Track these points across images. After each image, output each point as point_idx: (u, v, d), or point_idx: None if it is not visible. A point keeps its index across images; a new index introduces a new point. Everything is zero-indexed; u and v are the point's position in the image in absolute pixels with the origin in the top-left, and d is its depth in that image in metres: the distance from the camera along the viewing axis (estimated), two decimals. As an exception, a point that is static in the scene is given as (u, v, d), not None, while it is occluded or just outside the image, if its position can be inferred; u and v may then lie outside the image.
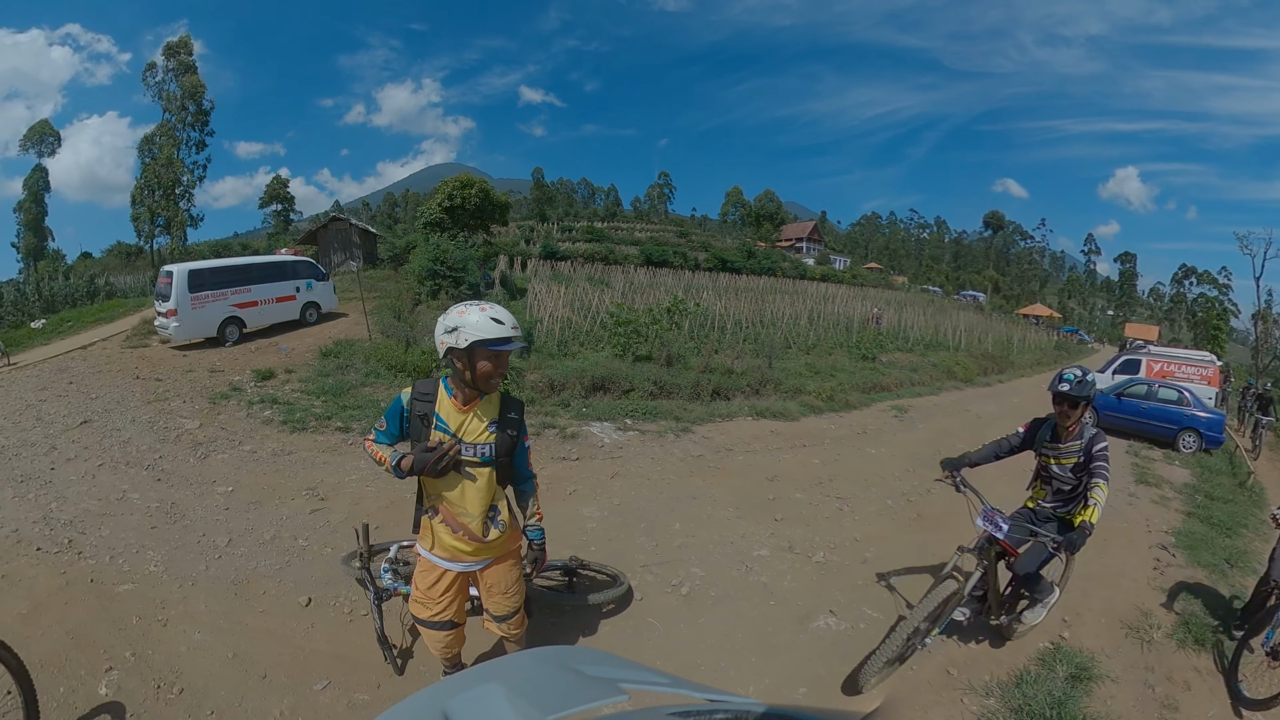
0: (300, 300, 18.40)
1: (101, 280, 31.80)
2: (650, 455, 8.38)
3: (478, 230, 35.57)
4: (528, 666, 0.87)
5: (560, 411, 10.26)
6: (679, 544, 5.93)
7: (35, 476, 7.69)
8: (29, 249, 44.09)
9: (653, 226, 75.55)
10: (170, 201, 42.78)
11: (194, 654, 4.40)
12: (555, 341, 16.37)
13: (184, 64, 44.14)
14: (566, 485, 7.22)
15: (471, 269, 22.75)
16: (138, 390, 11.84)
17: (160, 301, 16.18)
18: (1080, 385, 4.08)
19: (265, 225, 60.21)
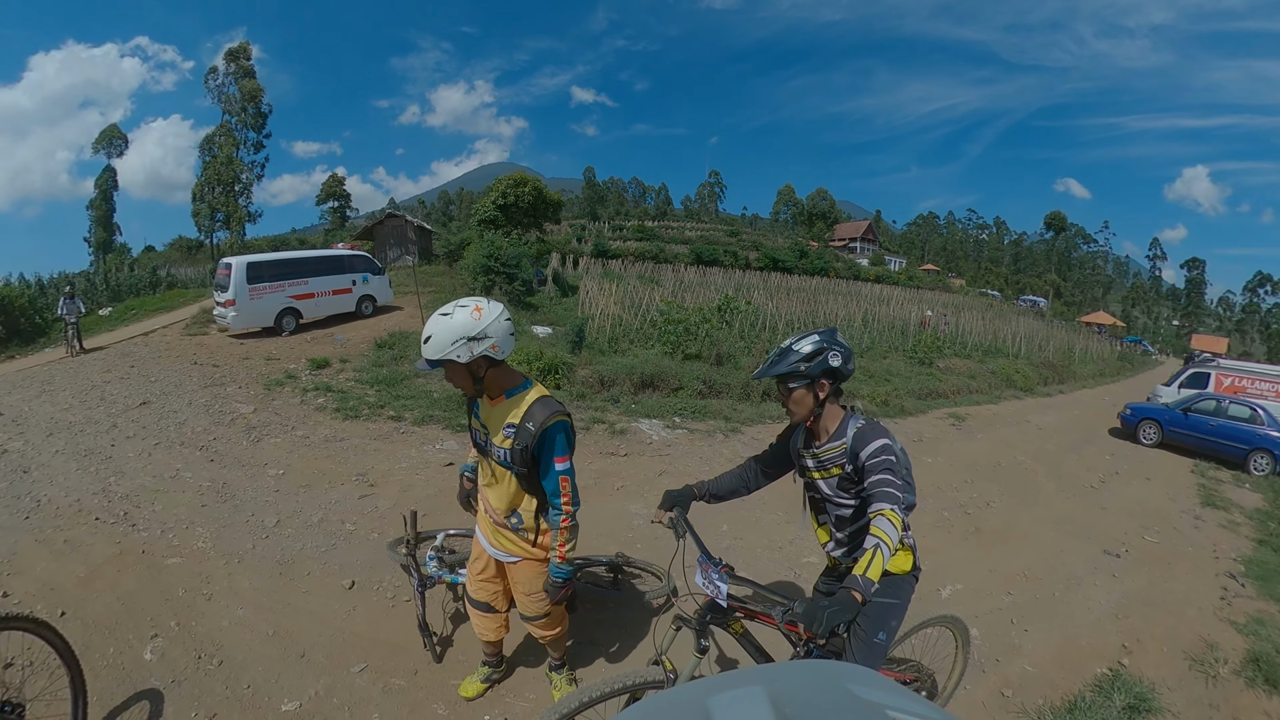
0: (356, 293, 19.19)
1: (164, 272, 33.96)
2: (698, 454, 8.38)
3: (531, 228, 36.46)
4: (797, 676, 0.86)
5: (609, 407, 10.35)
6: (726, 545, 5.91)
7: (97, 452, 8.24)
8: (99, 243, 47.84)
9: (703, 225, 75.57)
10: (230, 198, 45.47)
11: (235, 628, 4.61)
12: (606, 338, 16.59)
13: (243, 68, 47.15)
14: (614, 480, 7.27)
15: (524, 266, 23.14)
16: (195, 375, 12.46)
17: (219, 292, 17.08)
18: (778, 359, 2.71)
19: (322, 222, 62.90)
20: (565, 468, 3.00)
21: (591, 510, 6.09)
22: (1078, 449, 11.46)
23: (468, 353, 2.78)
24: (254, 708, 3.83)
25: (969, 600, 5.43)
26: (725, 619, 2.80)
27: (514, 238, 29.87)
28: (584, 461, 7.46)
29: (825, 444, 2.81)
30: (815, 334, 2.72)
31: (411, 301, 19.07)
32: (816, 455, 2.85)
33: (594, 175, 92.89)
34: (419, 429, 9.12)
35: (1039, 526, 7.28)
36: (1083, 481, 9.42)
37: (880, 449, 2.58)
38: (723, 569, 2.73)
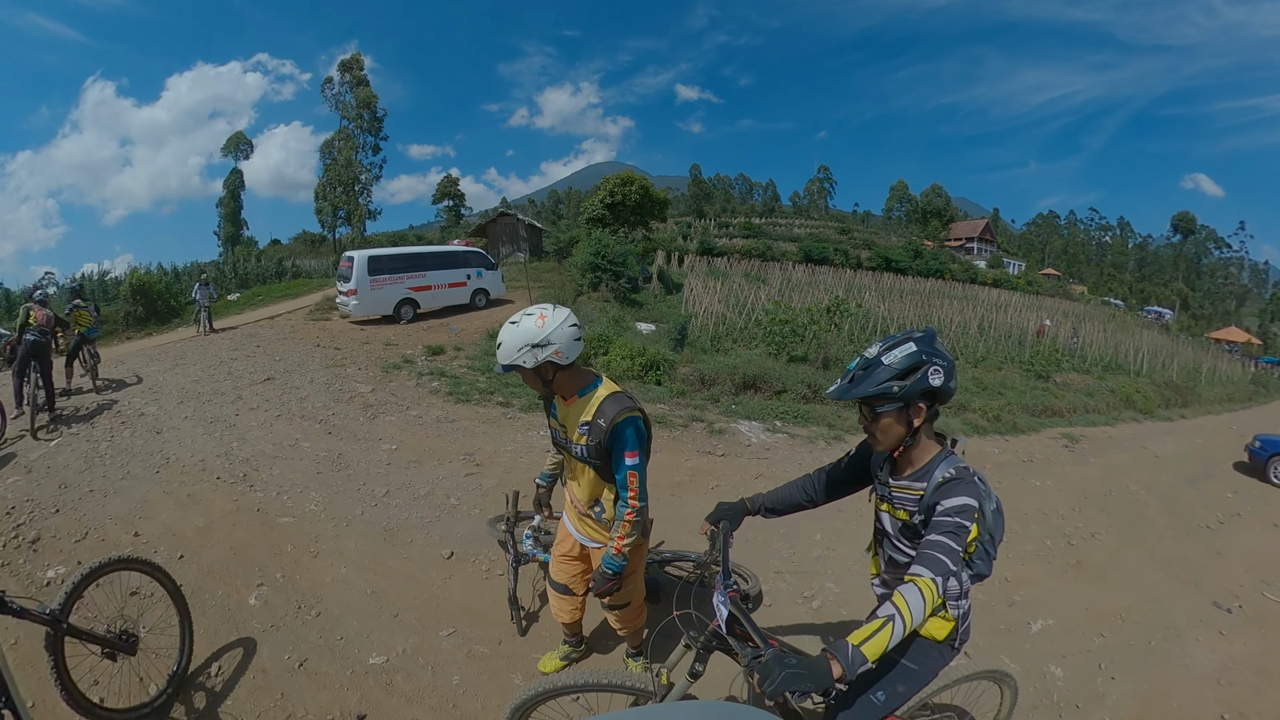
0: (470, 287, 19.86)
1: (289, 263, 36.65)
2: (797, 460, 8.09)
3: (637, 226, 36.50)
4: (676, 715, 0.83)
5: (709, 406, 10.19)
6: (817, 555, 5.62)
7: (222, 420, 8.91)
8: (228, 236, 52.74)
9: (812, 222, 72.45)
10: (350, 197, 48.82)
11: (336, 585, 4.87)
12: (708, 337, 16.38)
13: (356, 78, 50.67)
14: (709, 480, 7.13)
15: (630, 263, 23.30)
16: (317, 356, 13.24)
17: (342, 282, 18.20)
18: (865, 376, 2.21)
19: (438, 220, 65.76)
20: (634, 463, 3.02)
21: (684, 507, 5.96)
22: (1196, 483, 10.13)
23: (533, 359, 2.89)
24: (344, 657, 4.06)
25: (1058, 637, 4.87)
26: (729, 648, 2.46)
27: (620, 235, 30.14)
28: (680, 458, 7.40)
29: (905, 479, 2.35)
30: (910, 341, 2.20)
31: (523, 296, 19.67)
32: (891, 490, 2.41)
33: (700, 172, 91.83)
34: (525, 415, 9.27)
35: (1144, 566, 6.46)
36: (1199, 520, 8.32)
37: (959, 509, 2.12)
38: (730, 593, 2.43)
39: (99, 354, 11.71)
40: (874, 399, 2.18)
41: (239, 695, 3.74)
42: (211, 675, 3.90)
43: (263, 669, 3.95)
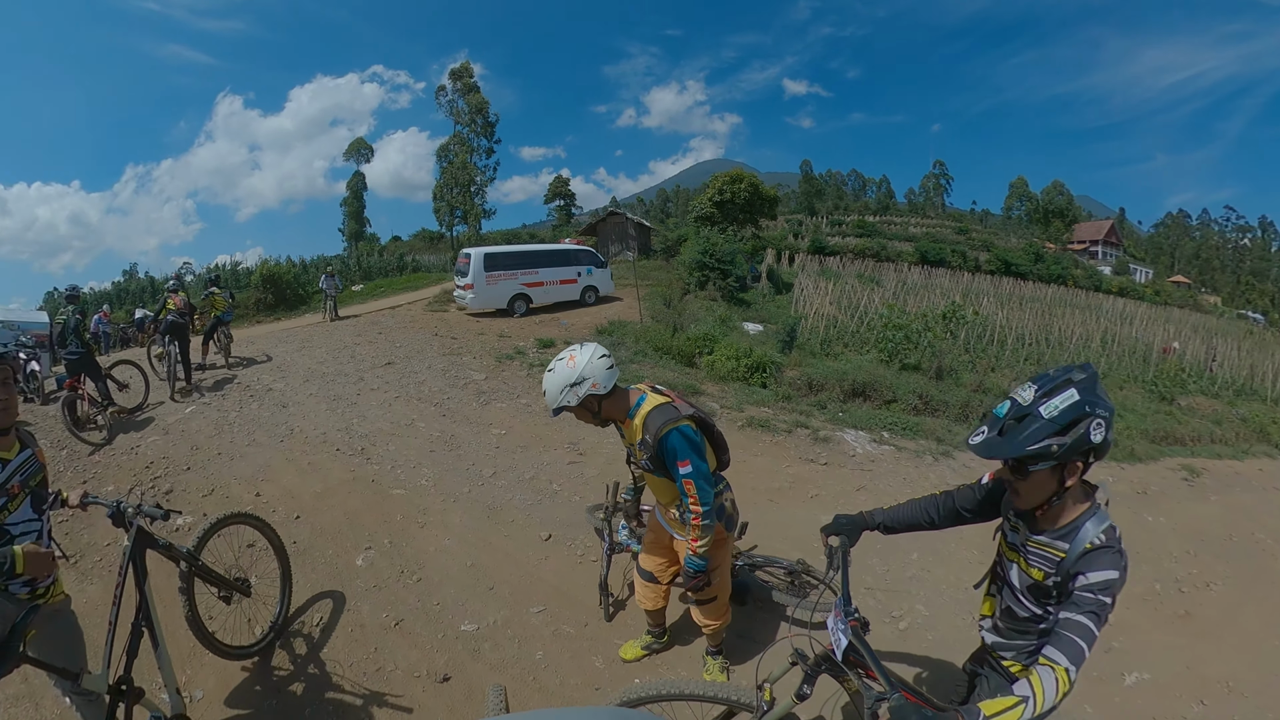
0: (581, 284, 20.45)
1: (409, 258, 39.03)
2: (902, 475, 7.69)
3: (746, 224, 36.16)
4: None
5: (815, 413, 9.86)
6: (911, 575, 5.29)
7: (344, 398, 9.47)
8: (351, 233, 56.69)
9: (928, 221, 67.69)
10: (466, 197, 51.11)
11: (439, 555, 5.15)
12: (818, 340, 15.85)
13: (467, 85, 52.83)
14: (809, 488, 6.90)
15: (739, 262, 23.01)
16: (435, 344, 13.79)
17: (459, 277, 19.13)
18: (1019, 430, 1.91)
19: (549, 219, 67.42)
20: (686, 471, 3.12)
21: (781, 514, 5.84)
22: (1339, 538, 8.79)
23: (575, 396, 3.12)
24: (437, 621, 4.33)
25: (1152, 696, 4.27)
26: (839, 673, 2.37)
27: (729, 234, 29.83)
28: (781, 464, 7.23)
29: (1046, 536, 2.08)
30: (1071, 387, 1.89)
31: (631, 294, 19.74)
32: (1027, 543, 2.16)
33: (811, 168, 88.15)
34: None
35: (1265, 627, 5.51)
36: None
37: (1104, 585, 1.91)
38: (852, 622, 2.30)
39: (232, 335, 12.83)
40: (1028, 459, 1.90)
41: (336, 645, 4.10)
42: (313, 625, 4.26)
43: (361, 624, 4.28)
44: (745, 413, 8.86)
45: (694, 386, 9.86)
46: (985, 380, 12.91)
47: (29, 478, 2.70)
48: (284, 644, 4.07)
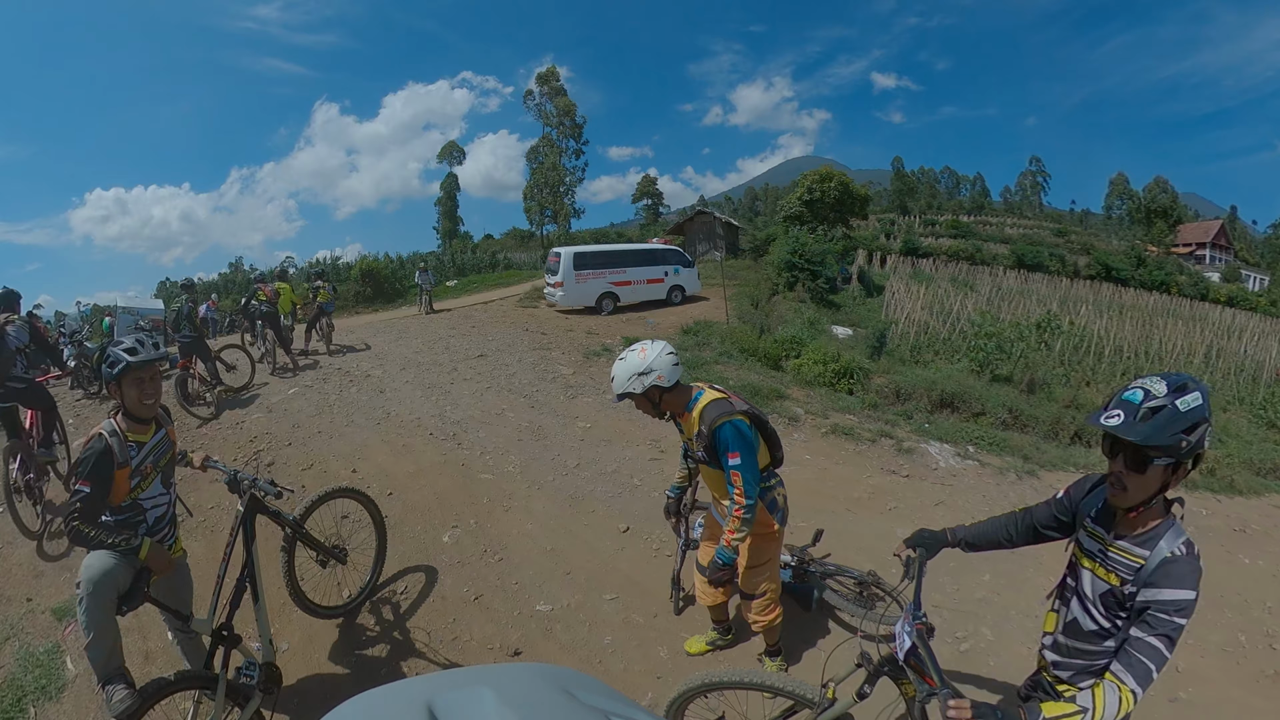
0: (668, 283, 20.35)
1: (501, 256, 39.88)
2: (983, 492, 7.33)
3: (836, 224, 35.01)
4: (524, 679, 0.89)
5: (901, 422, 9.55)
6: (980, 597, 5.04)
7: (438, 386, 9.89)
8: (445, 231, 58.63)
9: (1025, 222, 63.07)
10: (556, 197, 52.72)
11: (521, 538, 5.37)
12: (908, 346, 15.36)
13: (554, 89, 54.68)
14: (887, 500, 6.71)
15: (829, 263, 22.57)
16: (525, 339, 14.14)
17: (550, 275, 19.58)
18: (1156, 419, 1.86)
19: (637, 218, 67.39)
20: (735, 463, 3.22)
21: (857, 524, 5.75)
22: None
23: (640, 385, 3.29)
24: (515, 599, 4.58)
25: None
26: (899, 676, 2.43)
27: (819, 234, 29.28)
28: (862, 474, 7.10)
29: (1127, 541, 2.05)
30: (1196, 391, 1.89)
31: (718, 294, 19.68)
32: (1106, 548, 2.11)
33: (902, 165, 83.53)
34: None
35: None
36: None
37: (1181, 605, 1.88)
38: (918, 625, 2.34)
39: (334, 324, 13.63)
40: (1154, 449, 1.87)
41: (418, 613, 4.43)
42: (398, 593, 4.60)
43: (442, 596, 4.59)
44: (830, 420, 8.70)
45: (779, 390, 9.74)
46: (1079, 395, 12.17)
47: (160, 457, 3.13)
48: (370, 608, 4.41)
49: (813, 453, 7.44)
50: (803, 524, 5.27)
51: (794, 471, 6.67)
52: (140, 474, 3.00)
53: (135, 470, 2.97)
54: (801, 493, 6.14)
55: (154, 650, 3.95)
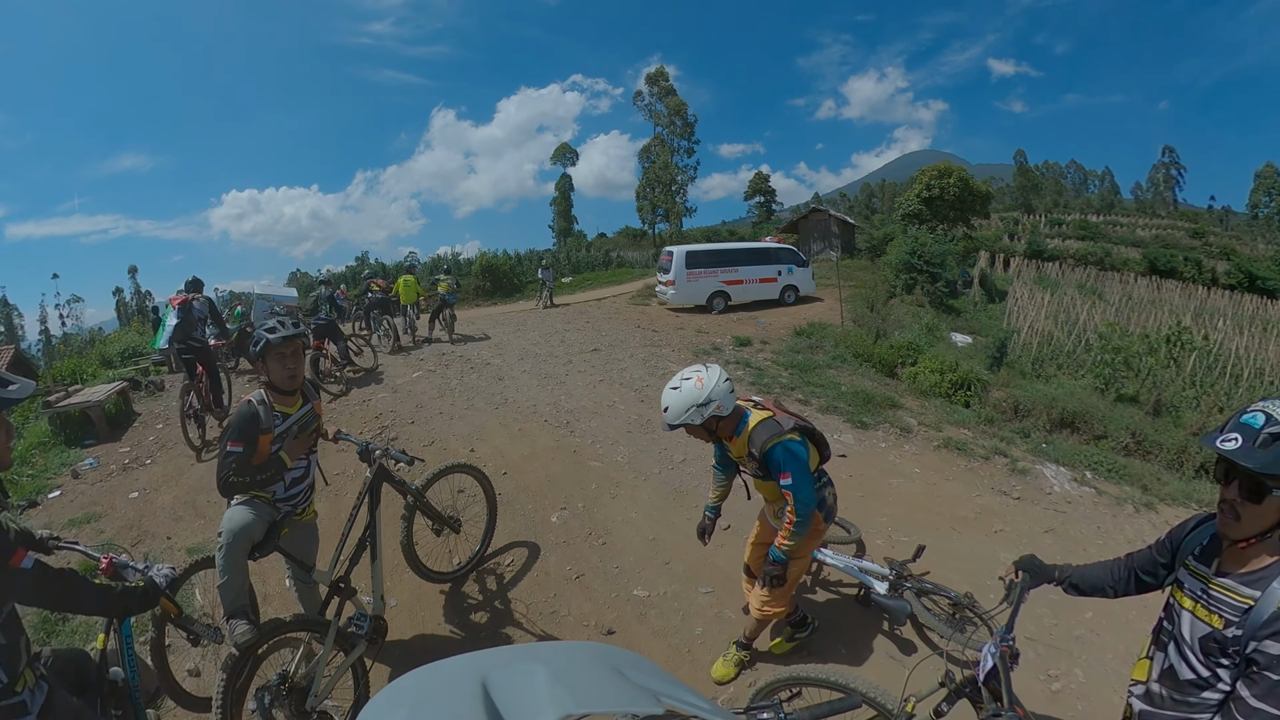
0: (780, 283, 19.85)
1: (614, 254, 40.74)
2: (1097, 523, 6.74)
3: (957, 223, 33.64)
4: (577, 657, 0.92)
5: (1017, 441, 8.96)
6: (1078, 635, 4.67)
7: (554, 377, 10.26)
8: (560, 230, 59.91)
9: (1158, 222, 55.00)
10: (667, 196, 52.91)
11: (625, 525, 5.54)
12: (1030, 358, 14.36)
13: (663, 88, 54.98)
14: (994, 522, 6.33)
15: (949, 265, 21.54)
16: (637, 336, 14.41)
17: (662, 273, 19.70)
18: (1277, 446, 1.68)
19: (750, 215, 66.05)
20: (788, 483, 3.26)
21: (959, 544, 5.51)
22: None
23: (699, 416, 3.28)
24: (614, 582, 4.79)
25: None
26: (977, 698, 2.38)
27: (939, 233, 27.85)
28: (971, 492, 6.79)
29: (1230, 579, 1.86)
30: None
31: (832, 295, 19.22)
32: (1208, 585, 1.93)
33: (1025, 159, 76.91)
34: (823, 416, 9.03)
35: None
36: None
37: None
38: (1004, 647, 2.32)
39: (456, 315, 14.48)
40: (1273, 479, 1.71)
41: (521, 586, 4.74)
42: (504, 565, 4.93)
43: (546, 572, 4.85)
44: (943, 432, 8.35)
45: (892, 399, 9.46)
46: (1208, 422, 11.02)
47: (304, 429, 3.42)
48: (477, 577, 4.74)
49: (923, 466, 7.18)
50: (905, 539, 5.22)
51: (901, 485, 6.54)
52: (282, 441, 3.29)
53: (277, 437, 3.26)
54: (907, 507, 6.05)
55: (271, 594, 4.47)
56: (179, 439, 7.88)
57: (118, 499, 6.61)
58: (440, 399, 8.93)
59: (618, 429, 7.83)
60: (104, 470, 7.43)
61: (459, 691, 0.76)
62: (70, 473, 7.29)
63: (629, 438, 7.55)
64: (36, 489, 6.92)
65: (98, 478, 7.24)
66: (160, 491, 6.71)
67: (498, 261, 28.57)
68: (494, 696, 0.73)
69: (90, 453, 7.93)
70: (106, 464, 7.61)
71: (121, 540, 5.65)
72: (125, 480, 7.13)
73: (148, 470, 7.39)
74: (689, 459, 6.96)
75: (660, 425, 7.68)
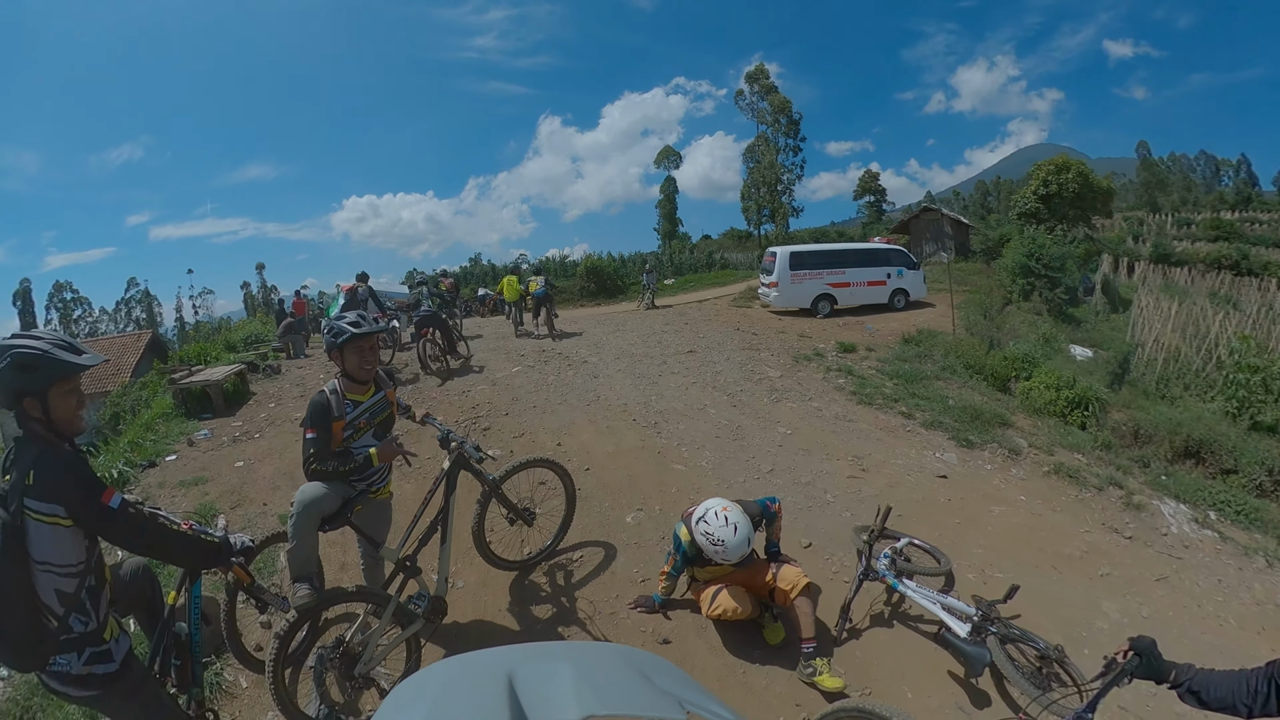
0: (890, 286, 19.01)
1: (718, 256, 40.60)
2: (1217, 575, 5.74)
3: (1077, 222, 31.02)
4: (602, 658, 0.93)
5: (1135, 470, 7.98)
6: (1180, 711, 3.99)
7: (647, 376, 10.26)
8: (664, 232, 59.65)
9: None
10: (774, 196, 52.01)
11: None
12: (1154, 376, 13.08)
13: (765, 87, 53.51)
14: (1101, 563, 5.59)
15: (1070, 269, 19.90)
16: (735, 339, 14.15)
17: (765, 275, 19.24)
18: None
19: (859, 215, 63.86)
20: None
21: (1060, 586, 5.07)
22: None
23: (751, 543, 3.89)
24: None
25: None
26: None
27: (1058, 234, 26.11)
28: (1079, 527, 6.17)
29: None
30: None
31: (944, 300, 18.18)
32: None
33: (1148, 150, 69.34)
34: (925, 432, 8.56)
35: None
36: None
37: None
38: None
39: (557, 312, 15.29)
40: None
41: (586, 583, 4.75)
42: (574, 561, 4.95)
43: (613, 573, 4.83)
44: (1055, 456, 7.65)
45: (1003, 417, 8.86)
46: None
47: (375, 415, 3.64)
48: (544, 569, 4.81)
49: (1028, 494, 6.65)
50: (999, 575, 4.83)
51: (1004, 514, 6.10)
52: (353, 427, 3.53)
53: (349, 424, 3.50)
54: (1006, 539, 5.61)
55: (350, 563, 4.67)
56: (289, 417, 8.83)
57: (224, 467, 7.27)
58: (536, 393, 9.13)
59: (706, 433, 7.70)
60: (216, 441, 8.21)
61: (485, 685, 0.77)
62: (186, 441, 8.17)
63: (716, 443, 7.42)
64: (156, 452, 7.81)
65: (210, 447, 8.01)
66: (263, 463, 7.28)
67: (602, 264, 29.39)
68: (519, 693, 0.74)
69: (206, 425, 8.74)
70: (219, 436, 8.39)
71: (222, 503, 6.22)
72: (233, 451, 7.81)
73: (255, 443, 8.04)
74: (777, 470, 6.78)
75: (749, 433, 7.58)
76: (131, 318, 69.11)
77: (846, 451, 7.45)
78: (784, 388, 9.99)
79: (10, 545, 2.12)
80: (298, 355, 14.46)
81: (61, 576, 2.21)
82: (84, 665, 2.27)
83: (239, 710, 3.72)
